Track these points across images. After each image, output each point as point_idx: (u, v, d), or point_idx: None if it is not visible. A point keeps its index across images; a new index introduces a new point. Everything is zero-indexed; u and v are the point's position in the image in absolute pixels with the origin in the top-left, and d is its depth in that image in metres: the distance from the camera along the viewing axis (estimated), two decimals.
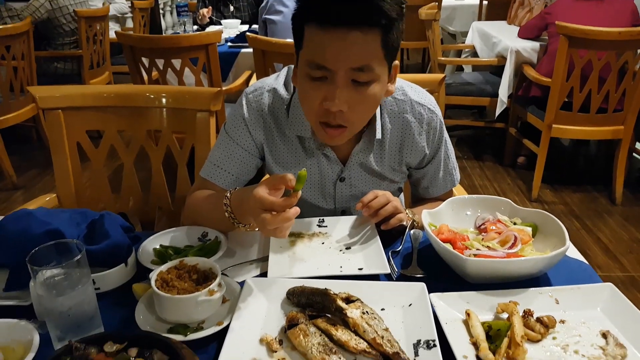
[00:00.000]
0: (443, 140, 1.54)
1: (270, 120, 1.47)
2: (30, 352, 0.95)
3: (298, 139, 1.48)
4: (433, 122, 1.49)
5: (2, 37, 3.72)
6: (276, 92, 1.46)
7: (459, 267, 1.18)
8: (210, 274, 1.12)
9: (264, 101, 1.46)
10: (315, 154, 1.48)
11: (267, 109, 1.46)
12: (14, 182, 4.10)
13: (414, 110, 1.47)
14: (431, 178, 1.59)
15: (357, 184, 1.54)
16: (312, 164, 1.50)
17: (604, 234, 3.43)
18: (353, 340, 0.99)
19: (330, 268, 1.26)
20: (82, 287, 0.99)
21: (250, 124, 1.46)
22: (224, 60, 3.52)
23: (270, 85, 1.48)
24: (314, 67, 1.21)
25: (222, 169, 1.50)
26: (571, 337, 1.03)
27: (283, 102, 1.45)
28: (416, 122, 1.48)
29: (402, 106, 1.47)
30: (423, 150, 1.51)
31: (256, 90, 1.48)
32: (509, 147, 4.44)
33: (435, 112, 1.50)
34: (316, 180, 1.53)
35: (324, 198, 1.57)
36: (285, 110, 1.45)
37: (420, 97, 1.49)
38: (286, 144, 1.49)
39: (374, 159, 1.50)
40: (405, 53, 7.74)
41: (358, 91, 1.23)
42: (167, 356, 0.92)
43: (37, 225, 1.15)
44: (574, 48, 3.30)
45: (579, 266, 1.29)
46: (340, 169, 1.50)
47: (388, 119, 1.46)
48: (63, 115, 1.76)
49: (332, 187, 1.54)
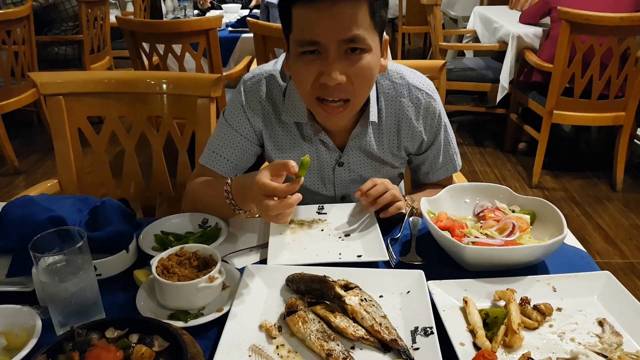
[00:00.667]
0: (442, 126, 1.54)
1: (268, 106, 1.47)
2: (33, 337, 0.97)
3: (296, 126, 1.48)
4: (431, 107, 1.49)
5: (3, 21, 3.71)
6: (274, 79, 1.46)
7: (457, 254, 1.19)
8: (211, 261, 1.13)
9: (261, 88, 1.46)
10: (313, 140, 1.49)
11: (265, 96, 1.46)
12: (16, 167, 4.11)
13: (412, 94, 1.46)
14: (431, 164, 1.59)
15: (356, 169, 1.54)
16: (311, 150, 1.50)
17: (604, 220, 3.44)
18: (351, 327, 1.00)
19: (329, 255, 1.27)
20: (84, 274, 1.00)
21: (249, 111, 1.47)
22: (224, 46, 3.51)
23: (267, 72, 1.48)
24: (305, 44, 1.22)
25: (220, 156, 1.50)
26: (568, 325, 1.04)
27: (280, 89, 1.46)
28: (413, 107, 1.47)
29: (400, 90, 1.46)
30: (421, 136, 1.51)
31: (254, 77, 1.48)
32: (510, 133, 4.43)
33: (433, 96, 1.49)
34: (315, 166, 1.53)
35: (324, 184, 1.57)
36: (282, 96, 1.46)
37: (419, 82, 1.48)
38: (284, 130, 1.49)
39: (373, 142, 1.50)
40: (406, 38, 7.70)
41: (352, 62, 1.23)
42: (168, 342, 0.93)
43: (39, 211, 1.16)
44: (575, 34, 3.29)
45: (576, 254, 1.29)
46: (339, 155, 1.51)
47: (384, 102, 1.46)
48: (64, 101, 1.76)
49: (331, 172, 1.54)
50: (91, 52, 4.67)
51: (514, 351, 0.97)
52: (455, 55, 5.42)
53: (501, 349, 0.97)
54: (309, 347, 0.97)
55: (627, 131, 3.63)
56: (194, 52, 3.25)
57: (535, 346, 0.99)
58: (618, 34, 3.27)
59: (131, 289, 1.15)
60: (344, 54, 1.22)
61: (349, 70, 1.23)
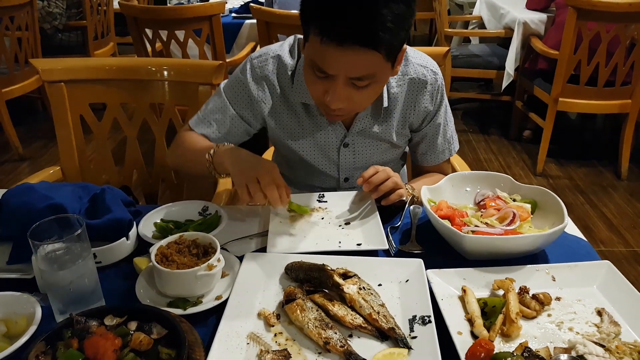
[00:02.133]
0: (444, 103, 1.56)
1: (274, 86, 1.48)
2: (33, 324, 0.97)
3: (302, 105, 1.49)
4: (435, 83, 1.51)
5: (6, 7, 3.70)
6: (281, 59, 1.47)
7: (456, 243, 1.19)
8: (210, 249, 1.13)
9: (268, 67, 1.47)
10: (319, 120, 1.50)
11: (272, 75, 1.47)
12: (20, 153, 4.12)
13: (417, 71, 1.48)
14: (430, 142, 1.60)
15: (360, 151, 1.56)
16: (316, 128, 1.51)
17: (609, 208, 3.43)
18: (349, 316, 1.01)
19: (329, 243, 1.27)
20: (83, 262, 1.00)
21: (253, 89, 1.47)
22: (227, 32, 3.49)
23: (274, 52, 1.48)
24: (315, 68, 1.23)
25: (209, 124, 1.51)
26: (566, 314, 1.04)
27: (287, 69, 1.46)
28: (419, 82, 1.49)
29: (406, 69, 1.48)
30: (426, 109, 1.52)
31: (261, 56, 1.49)
32: (515, 121, 4.41)
33: (437, 73, 1.52)
34: (320, 146, 1.55)
35: (328, 163, 1.59)
36: (289, 77, 1.46)
37: (422, 60, 1.51)
38: (290, 110, 1.50)
39: (378, 124, 1.51)
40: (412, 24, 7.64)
41: (357, 90, 1.25)
42: (166, 330, 0.94)
43: (39, 199, 1.16)
44: (582, 20, 3.25)
45: (577, 243, 1.29)
46: (344, 134, 1.52)
47: (394, 83, 1.48)
48: (66, 88, 1.76)
49: (336, 153, 1.56)
50: (95, 38, 4.65)
51: (511, 340, 0.97)
52: (460, 42, 5.37)
53: (499, 338, 0.98)
54: (307, 335, 0.97)
55: (633, 119, 3.60)
56: (197, 38, 3.24)
57: (533, 335, 0.99)
58: (625, 21, 3.23)
59: (131, 276, 1.16)
60: (351, 84, 1.23)
61: (351, 97, 1.26)
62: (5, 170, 3.97)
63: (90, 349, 0.87)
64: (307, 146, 1.54)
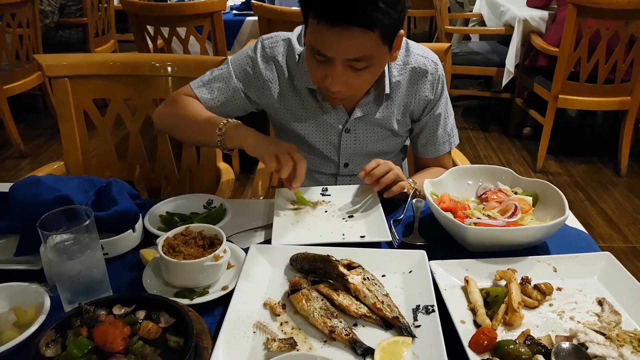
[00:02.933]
0: (444, 95, 1.59)
1: (282, 68, 1.51)
2: (42, 314, 0.99)
3: (308, 90, 1.52)
4: (436, 73, 1.54)
5: (7, 4, 3.70)
6: (290, 43, 1.51)
7: (459, 235, 1.20)
8: (216, 240, 1.14)
9: (279, 49, 1.51)
10: (322, 104, 1.53)
11: (281, 57, 1.51)
12: (21, 150, 4.13)
13: (418, 61, 1.52)
14: (430, 133, 1.62)
15: (361, 137, 1.58)
16: (320, 111, 1.54)
17: (608, 205, 3.44)
18: (354, 305, 1.02)
19: (332, 235, 1.28)
20: (91, 252, 1.01)
21: (262, 68, 1.50)
22: (229, 29, 3.50)
23: (285, 36, 1.53)
24: (315, 52, 1.27)
25: (209, 90, 1.52)
26: (567, 304, 1.06)
27: (295, 53, 1.50)
28: (420, 72, 1.52)
29: (407, 59, 1.51)
30: (427, 98, 1.55)
31: (272, 37, 1.53)
32: (515, 118, 4.42)
33: (437, 64, 1.55)
34: (322, 129, 1.58)
35: (330, 147, 1.61)
36: (297, 61, 1.50)
37: (423, 51, 1.55)
38: (295, 92, 1.53)
39: (380, 111, 1.54)
40: (412, 21, 7.66)
41: (356, 73, 1.29)
42: (174, 319, 0.95)
43: (46, 191, 1.18)
44: (582, 17, 3.26)
45: (578, 235, 1.31)
46: (346, 119, 1.54)
47: (396, 72, 1.51)
48: (70, 83, 1.77)
49: (337, 137, 1.58)
50: (95, 35, 4.66)
51: (513, 329, 0.99)
52: (461, 39, 5.39)
53: (501, 327, 0.99)
54: (313, 324, 0.99)
55: (632, 116, 3.61)
56: (198, 35, 3.25)
57: (535, 324, 1.00)
58: (625, 18, 3.25)
59: (137, 268, 1.17)
60: (349, 67, 1.27)
61: (350, 81, 1.30)
62: (6, 167, 3.98)
63: (100, 336, 0.88)
64: (311, 129, 1.57)
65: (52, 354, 0.87)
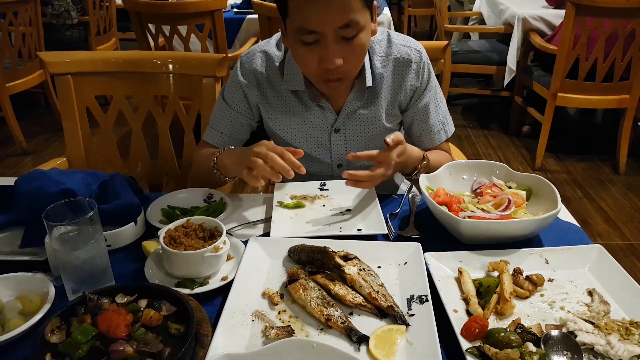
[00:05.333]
0: (432, 82, 1.59)
1: (263, 78, 1.55)
2: (47, 302, 1.02)
3: (292, 93, 1.54)
4: (420, 61, 1.55)
5: (10, 2, 3.74)
6: (267, 53, 1.54)
7: (453, 227, 1.23)
8: (216, 232, 1.17)
9: (256, 61, 1.54)
10: (309, 106, 1.55)
11: (260, 68, 1.54)
12: (24, 147, 4.16)
13: (401, 51, 1.53)
14: (422, 122, 1.60)
15: (351, 136, 1.59)
16: (308, 114, 1.56)
17: (606, 202, 3.47)
18: (350, 295, 1.05)
19: (330, 228, 1.31)
20: (95, 242, 1.04)
21: (244, 84, 1.55)
22: (229, 27, 3.53)
23: (261, 48, 1.56)
24: (304, 33, 1.28)
25: (217, 130, 1.61)
26: (558, 295, 1.08)
27: (275, 61, 1.53)
28: (404, 62, 1.53)
29: (389, 50, 1.53)
30: (413, 86, 1.55)
31: (249, 52, 1.57)
32: (514, 116, 4.45)
33: (421, 52, 1.55)
34: (311, 132, 1.59)
35: (321, 150, 1.62)
36: (278, 68, 1.53)
37: (405, 41, 1.56)
38: (281, 100, 1.56)
39: (366, 106, 1.55)
40: (412, 20, 7.68)
41: (348, 44, 1.30)
42: (175, 307, 0.98)
43: (51, 184, 1.21)
44: (580, 16, 3.29)
45: (570, 229, 1.33)
46: (334, 119, 1.56)
47: (379, 64, 1.52)
48: (72, 80, 1.80)
49: (327, 138, 1.60)
50: (97, 34, 4.69)
51: (505, 318, 1.01)
52: (461, 38, 5.41)
53: (493, 316, 1.02)
54: (309, 313, 1.02)
55: (631, 114, 3.64)
56: (199, 33, 3.28)
57: (526, 314, 1.03)
58: (623, 16, 3.27)
59: (139, 259, 1.20)
60: (340, 39, 1.28)
61: (346, 53, 1.31)
62: (9, 163, 4.02)
63: (103, 323, 0.91)
64: (300, 134, 1.59)
65: (57, 340, 0.90)
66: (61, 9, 4.37)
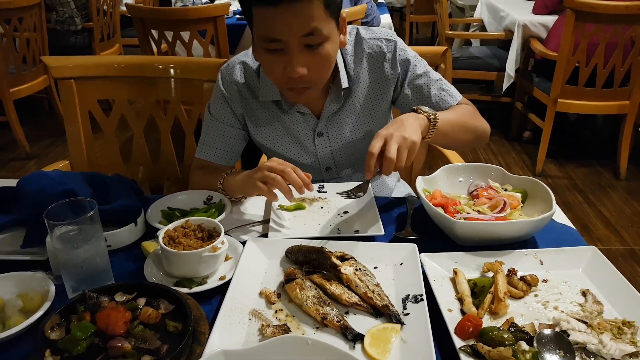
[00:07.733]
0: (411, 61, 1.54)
1: (244, 88, 1.56)
2: (47, 300, 1.04)
3: (273, 103, 1.55)
4: (394, 50, 1.52)
5: (15, 8, 3.78)
6: (246, 64, 1.56)
7: (449, 229, 1.24)
8: (214, 233, 1.19)
9: (236, 72, 1.55)
10: (289, 113, 1.56)
11: (240, 79, 1.55)
12: (27, 151, 4.20)
13: (371, 45, 1.52)
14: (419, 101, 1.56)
15: (335, 138, 1.59)
16: (289, 121, 1.57)
17: (607, 207, 3.48)
18: (346, 294, 1.06)
19: (327, 230, 1.33)
20: (95, 242, 1.06)
21: (227, 96, 1.56)
22: (232, 33, 3.55)
23: (239, 59, 1.57)
24: (268, 41, 1.28)
25: (210, 147, 1.61)
26: (552, 295, 1.10)
27: (253, 71, 1.55)
28: (378, 56, 1.52)
29: (360, 47, 1.52)
30: (394, 76, 1.54)
31: (228, 65, 1.58)
32: (515, 122, 4.46)
33: (392, 39, 1.53)
34: (296, 138, 1.59)
35: (307, 155, 1.62)
36: (257, 77, 1.54)
37: (374, 34, 1.54)
38: (263, 108, 1.57)
39: (346, 106, 1.55)
40: (414, 27, 7.71)
41: (313, 53, 1.29)
42: (173, 305, 0.99)
43: (52, 185, 1.23)
44: (580, 22, 3.30)
45: (565, 230, 1.34)
46: (316, 123, 1.56)
47: (353, 64, 1.52)
48: (75, 84, 1.82)
49: (312, 142, 1.60)
50: (101, 39, 4.73)
51: (499, 317, 1.03)
52: (462, 44, 5.43)
53: (487, 315, 1.03)
54: (306, 312, 1.03)
55: (631, 120, 3.65)
56: (201, 39, 3.30)
57: (519, 313, 1.04)
58: (623, 22, 3.29)
59: (139, 259, 1.22)
60: (304, 47, 1.28)
61: (310, 62, 1.30)
62: (13, 167, 4.05)
63: (102, 321, 0.92)
64: (285, 141, 1.60)
65: (57, 337, 0.92)
66: (65, 15, 4.42)
